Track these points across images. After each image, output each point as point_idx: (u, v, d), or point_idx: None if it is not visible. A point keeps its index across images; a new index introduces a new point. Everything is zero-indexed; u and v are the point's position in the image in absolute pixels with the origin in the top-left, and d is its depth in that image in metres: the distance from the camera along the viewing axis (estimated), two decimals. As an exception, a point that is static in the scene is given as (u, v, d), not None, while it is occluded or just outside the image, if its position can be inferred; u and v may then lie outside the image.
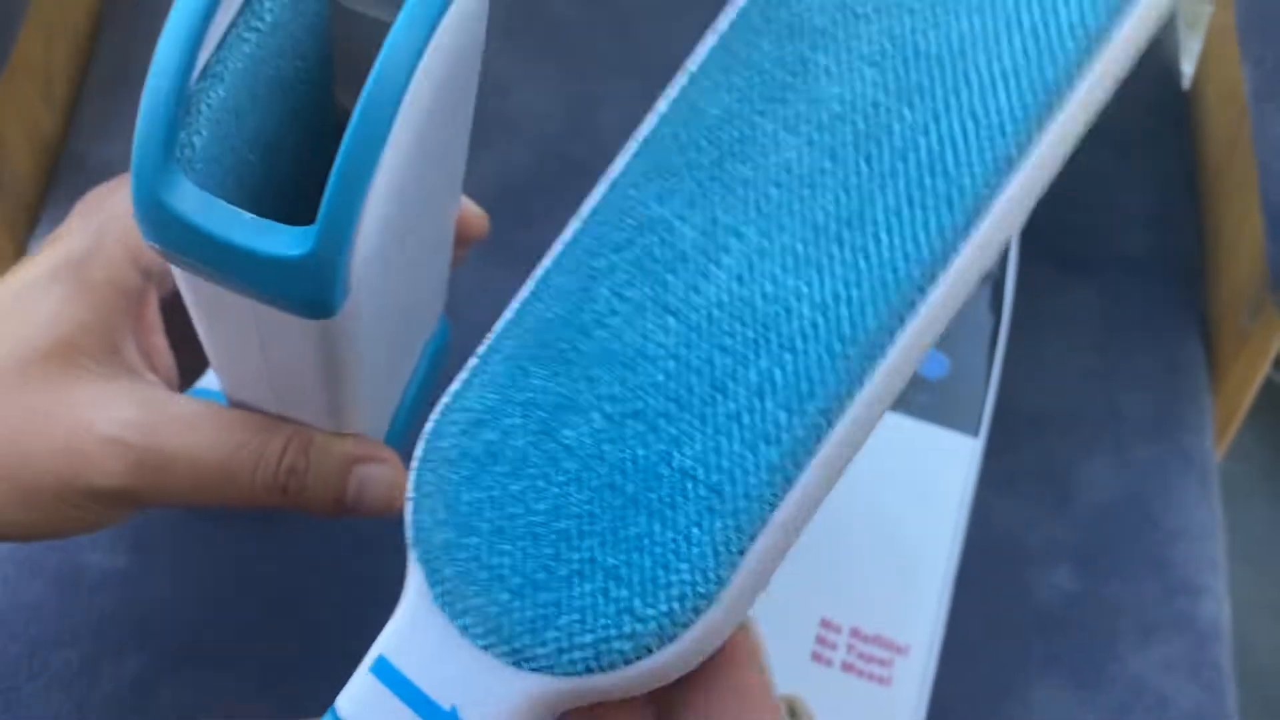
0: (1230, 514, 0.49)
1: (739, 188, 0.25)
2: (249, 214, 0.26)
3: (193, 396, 0.34)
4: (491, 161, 0.53)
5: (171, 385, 0.35)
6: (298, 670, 0.43)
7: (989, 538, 0.47)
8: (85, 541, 0.44)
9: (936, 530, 0.43)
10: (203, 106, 0.27)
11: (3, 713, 0.42)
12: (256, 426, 0.33)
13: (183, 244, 0.26)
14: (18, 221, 0.53)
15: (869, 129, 0.24)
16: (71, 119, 0.55)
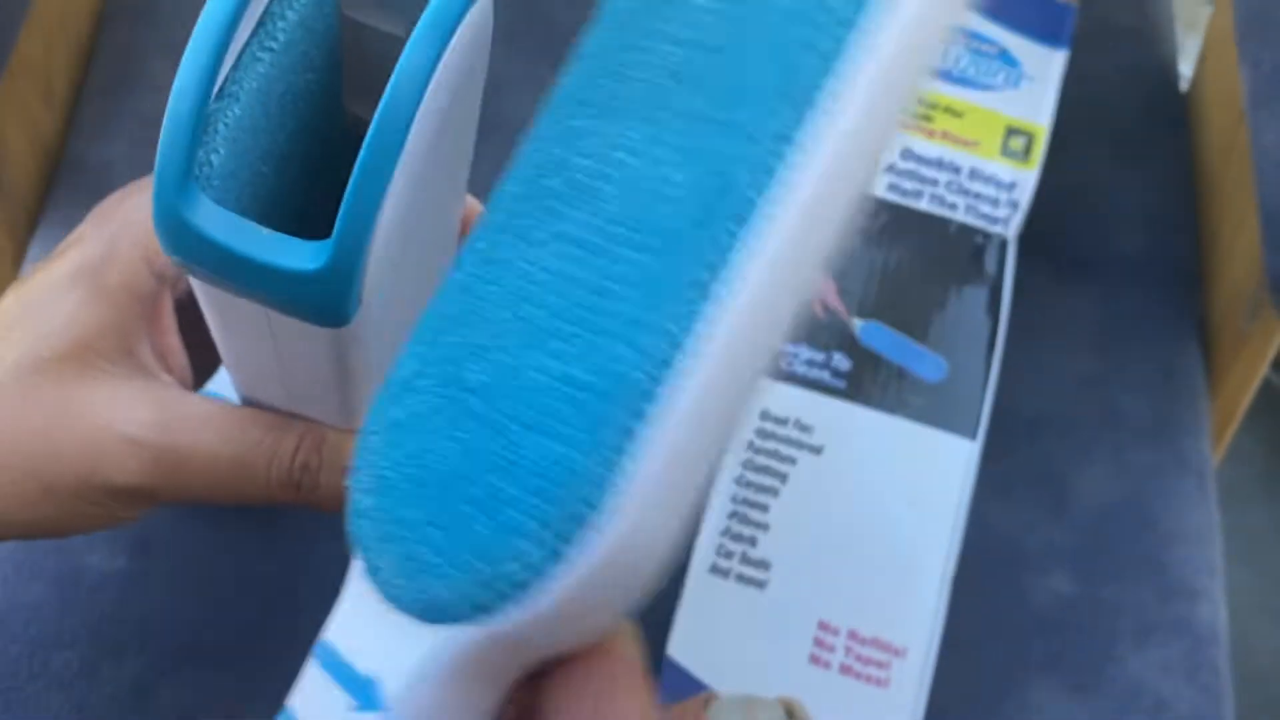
0: (1229, 516, 0.49)
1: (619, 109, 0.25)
2: (266, 229, 0.27)
3: (206, 396, 0.34)
4: (489, 162, 0.53)
5: (186, 385, 0.36)
6: (298, 671, 0.43)
7: (987, 541, 0.47)
8: (84, 543, 0.45)
9: (934, 533, 0.43)
10: (220, 126, 0.28)
11: (3, 713, 0.42)
12: (270, 425, 0.33)
13: (202, 258, 0.27)
14: (18, 222, 0.53)
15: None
16: (71, 120, 0.55)
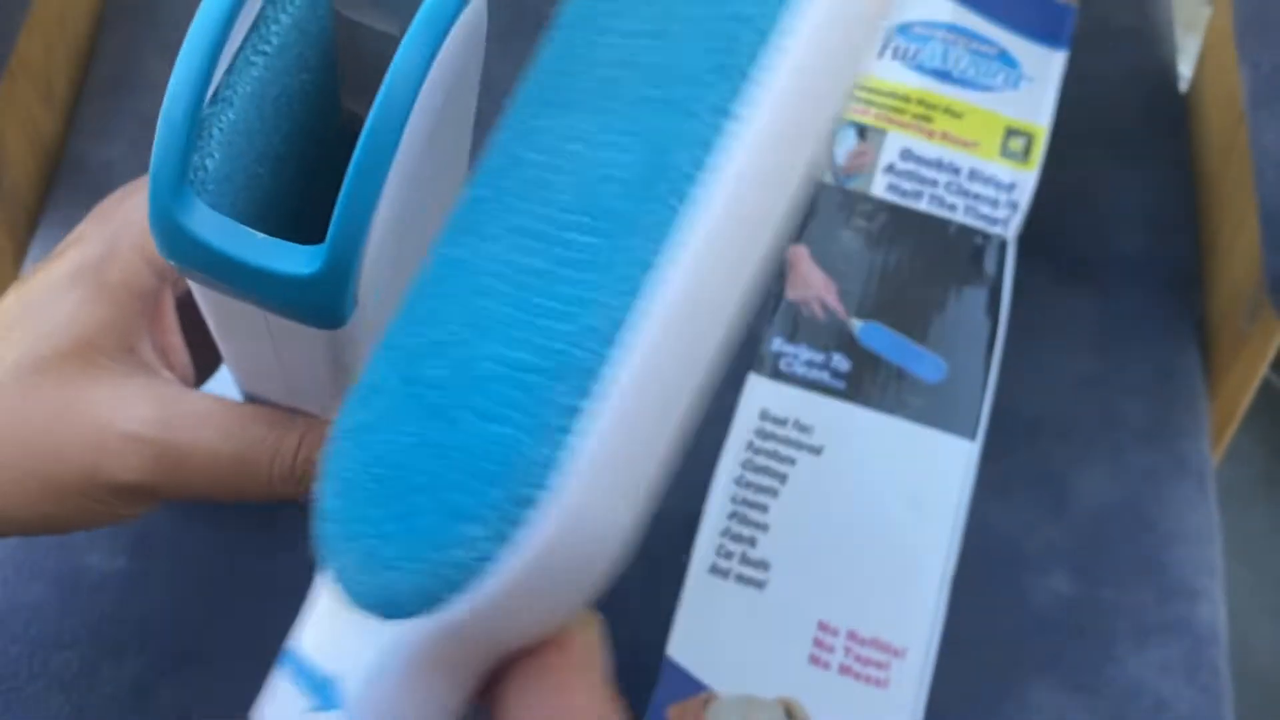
0: (1229, 517, 0.49)
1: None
2: (260, 234, 0.27)
3: (207, 393, 0.34)
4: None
5: (187, 382, 0.36)
6: (296, 672, 0.43)
7: (986, 541, 0.47)
8: (85, 543, 0.45)
9: (934, 533, 0.43)
10: (214, 130, 0.28)
11: (3, 713, 0.42)
12: (272, 421, 0.33)
13: (199, 262, 0.28)
14: (18, 222, 0.53)
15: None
16: (71, 120, 0.55)
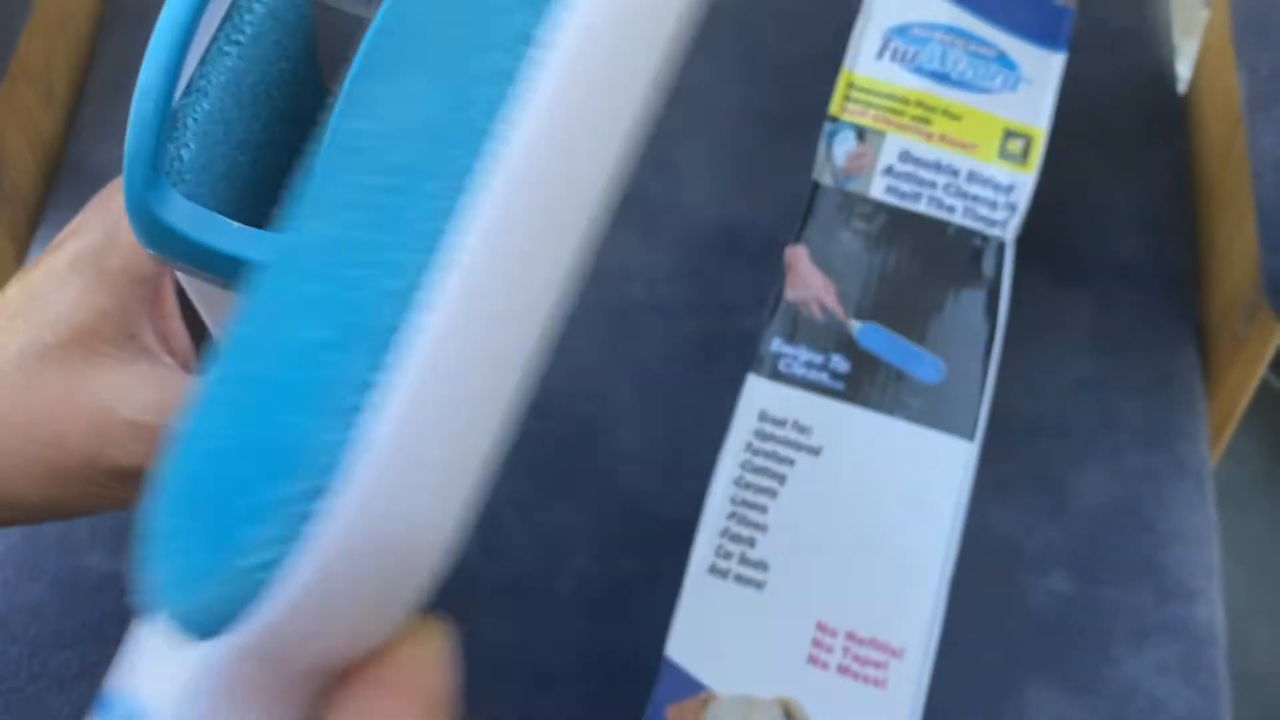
0: (1227, 518, 0.49)
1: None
2: (235, 223, 0.28)
3: None
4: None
5: (189, 367, 0.36)
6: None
7: (985, 542, 0.47)
8: (85, 543, 0.45)
9: (932, 533, 0.43)
10: (189, 121, 0.29)
11: (3, 714, 0.42)
12: None
13: (176, 251, 0.28)
14: (18, 223, 0.53)
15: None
16: (72, 122, 0.55)
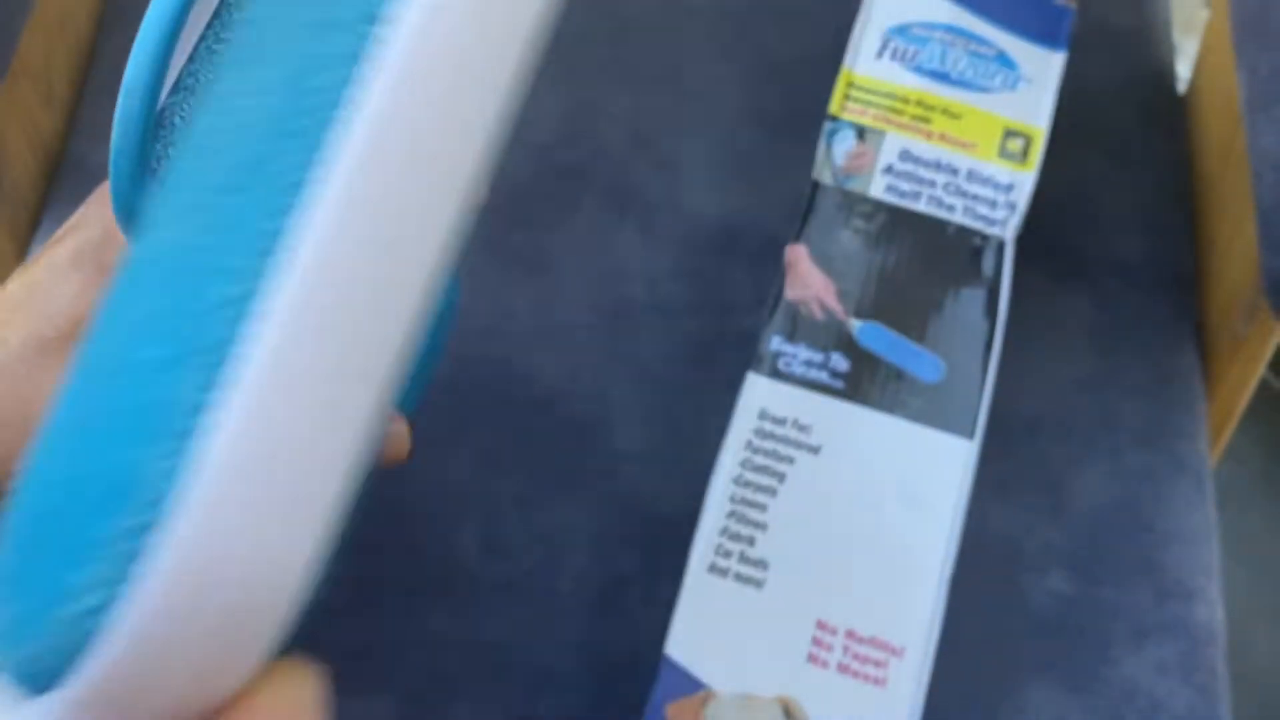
0: (1227, 517, 0.49)
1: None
2: None
3: None
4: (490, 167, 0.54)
5: None
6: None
7: (984, 541, 0.47)
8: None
9: (932, 532, 0.43)
10: (176, 119, 0.28)
11: (2, 712, 0.42)
12: None
13: None
14: (19, 222, 0.53)
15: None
16: (72, 121, 0.55)
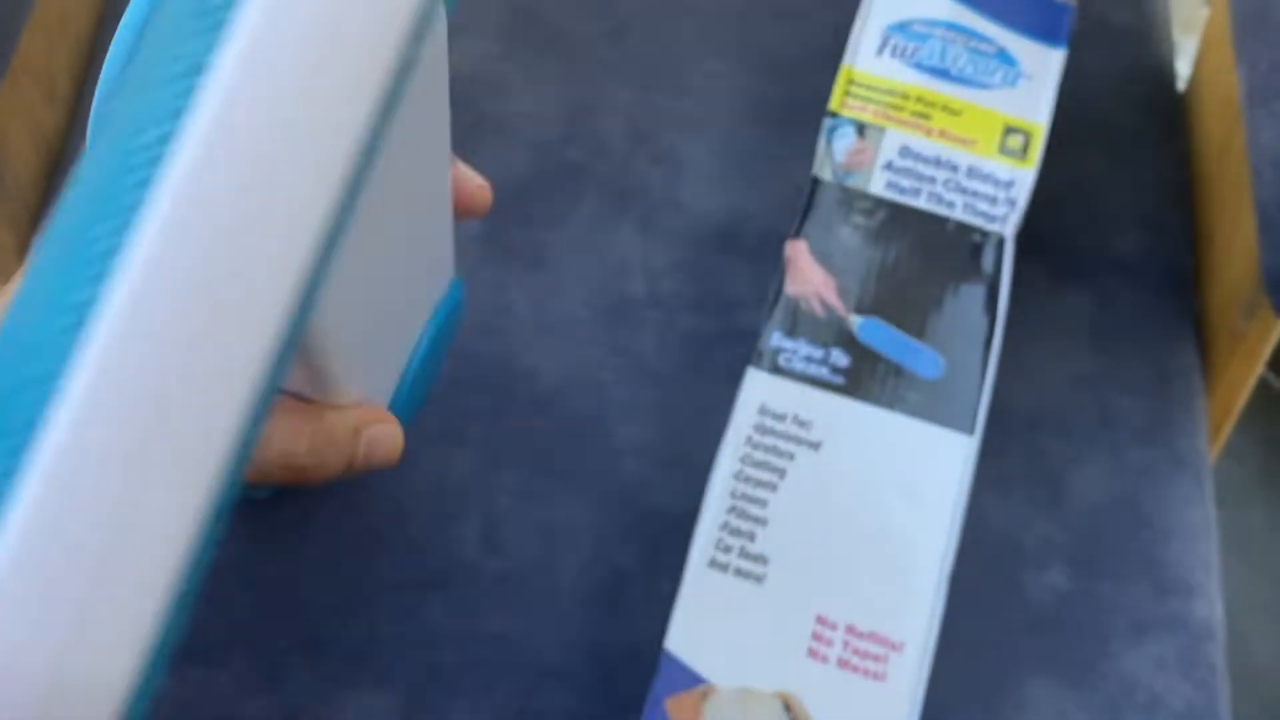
0: (1227, 515, 0.49)
1: None
2: None
3: None
4: (490, 164, 0.54)
5: None
6: (296, 665, 0.44)
7: (984, 537, 0.47)
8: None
9: (932, 527, 0.43)
10: None
11: (5, 708, 0.42)
12: (276, 409, 0.34)
13: None
14: (20, 220, 0.53)
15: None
16: (74, 118, 0.55)
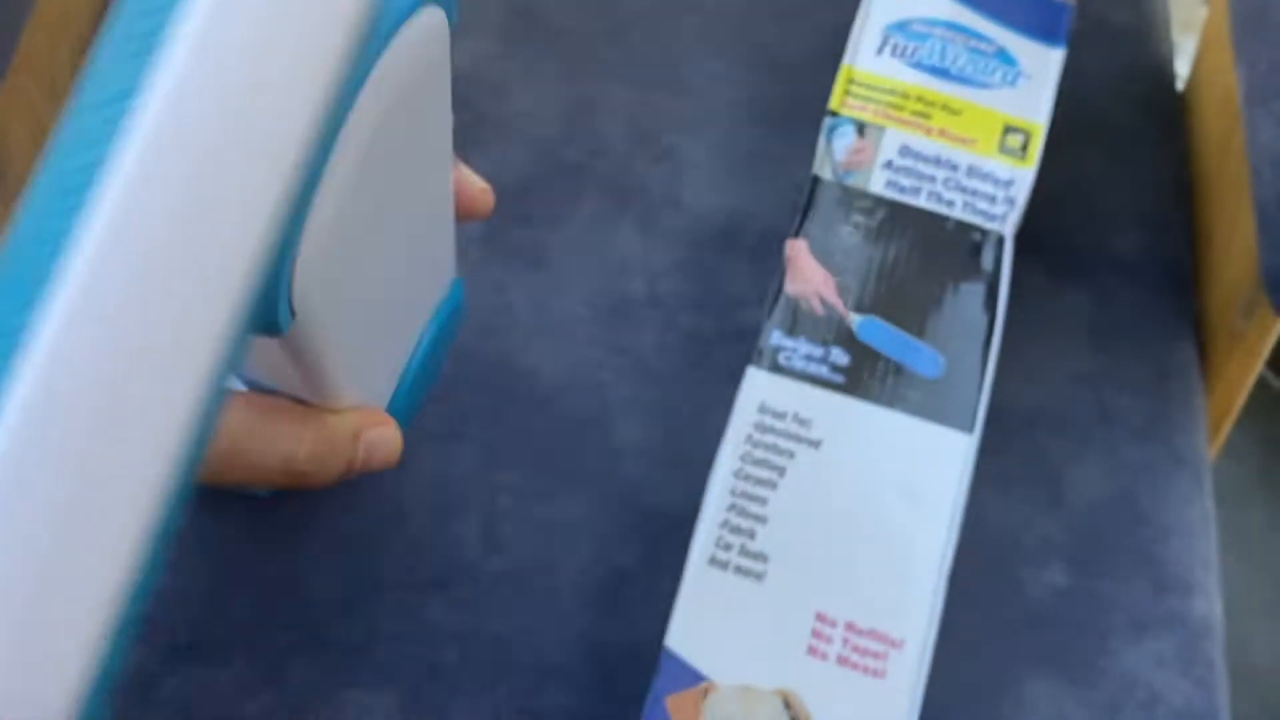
0: (1227, 514, 0.49)
1: None
2: None
3: None
4: (490, 163, 0.54)
5: None
6: (297, 664, 0.44)
7: (983, 535, 0.47)
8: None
9: (932, 525, 0.43)
10: None
11: (6, 705, 0.42)
12: (265, 409, 0.34)
13: None
14: (21, 219, 0.53)
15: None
16: (75, 117, 0.55)
